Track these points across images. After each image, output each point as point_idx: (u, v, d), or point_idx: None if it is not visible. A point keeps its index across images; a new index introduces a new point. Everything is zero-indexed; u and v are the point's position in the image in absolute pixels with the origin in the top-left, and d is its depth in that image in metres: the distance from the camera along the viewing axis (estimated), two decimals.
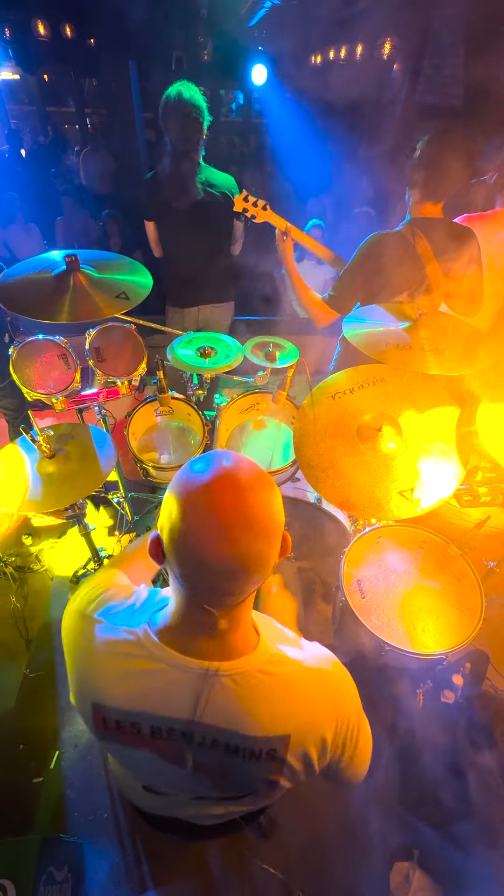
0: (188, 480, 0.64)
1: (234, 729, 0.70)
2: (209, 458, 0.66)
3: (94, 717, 0.73)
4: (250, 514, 0.62)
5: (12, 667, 1.92)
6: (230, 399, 1.96)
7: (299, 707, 0.73)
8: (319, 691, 0.75)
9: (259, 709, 0.70)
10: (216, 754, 0.73)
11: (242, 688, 0.70)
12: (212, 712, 0.70)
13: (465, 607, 1.44)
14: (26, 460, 1.57)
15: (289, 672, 0.73)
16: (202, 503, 0.62)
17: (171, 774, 0.78)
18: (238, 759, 0.72)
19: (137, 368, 2.00)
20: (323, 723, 0.74)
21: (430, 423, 1.42)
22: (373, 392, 1.49)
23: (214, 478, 0.63)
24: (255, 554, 0.63)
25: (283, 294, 4.59)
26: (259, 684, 0.71)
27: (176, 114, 2.14)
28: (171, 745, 0.73)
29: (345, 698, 0.78)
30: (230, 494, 0.62)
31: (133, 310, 1.47)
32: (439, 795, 1.48)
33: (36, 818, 1.52)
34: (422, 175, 1.68)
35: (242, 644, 0.72)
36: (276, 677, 0.72)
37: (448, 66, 4.53)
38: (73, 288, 1.42)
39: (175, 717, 0.70)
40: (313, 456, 1.41)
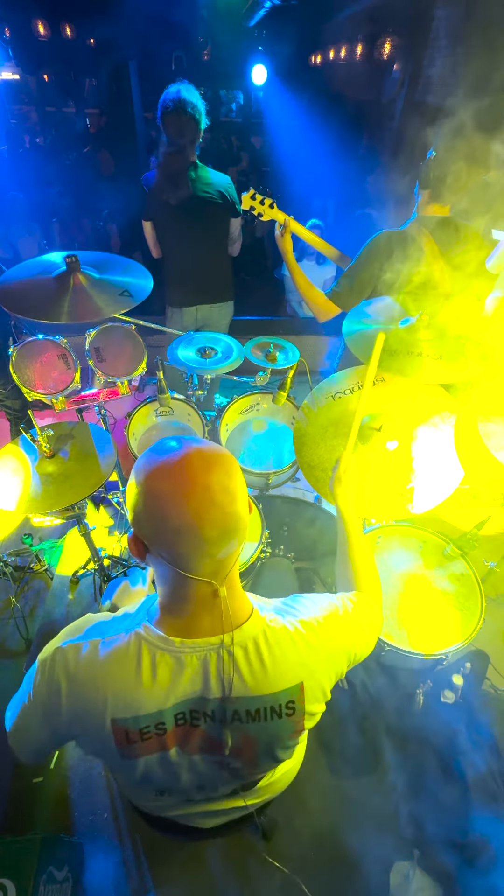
0: (160, 465, 0.66)
1: (248, 694, 0.73)
2: (163, 444, 0.69)
3: (115, 735, 0.71)
4: (225, 479, 0.66)
5: (12, 667, 1.92)
6: (230, 399, 1.96)
7: (303, 658, 0.76)
8: (314, 641, 0.78)
9: (270, 667, 0.73)
10: (240, 727, 0.75)
11: (251, 653, 0.73)
12: (229, 681, 0.72)
13: (465, 607, 1.45)
14: (27, 460, 1.57)
15: (286, 630, 0.77)
16: (183, 478, 0.64)
17: (203, 767, 0.79)
18: (261, 722, 0.76)
19: (137, 368, 2.00)
20: (325, 666, 0.79)
21: (430, 423, 1.42)
22: (373, 392, 1.49)
23: (184, 454, 0.66)
24: (238, 512, 0.67)
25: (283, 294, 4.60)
26: (265, 646, 0.74)
27: (173, 113, 2.14)
28: (198, 731, 0.75)
29: (337, 642, 0.82)
30: (203, 464, 0.65)
31: (133, 310, 1.47)
32: (439, 795, 1.48)
33: (36, 818, 1.52)
34: (434, 175, 1.67)
35: (240, 611, 0.75)
36: (277, 636, 0.75)
37: (448, 66, 4.53)
38: (74, 288, 1.42)
39: (192, 699, 0.73)
40: (313, 456, 1.41)
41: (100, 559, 1.98)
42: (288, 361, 1.97)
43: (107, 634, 0.74)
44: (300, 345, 2.09)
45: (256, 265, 5.11)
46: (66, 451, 1.61)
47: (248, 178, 6.07)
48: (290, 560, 1.91)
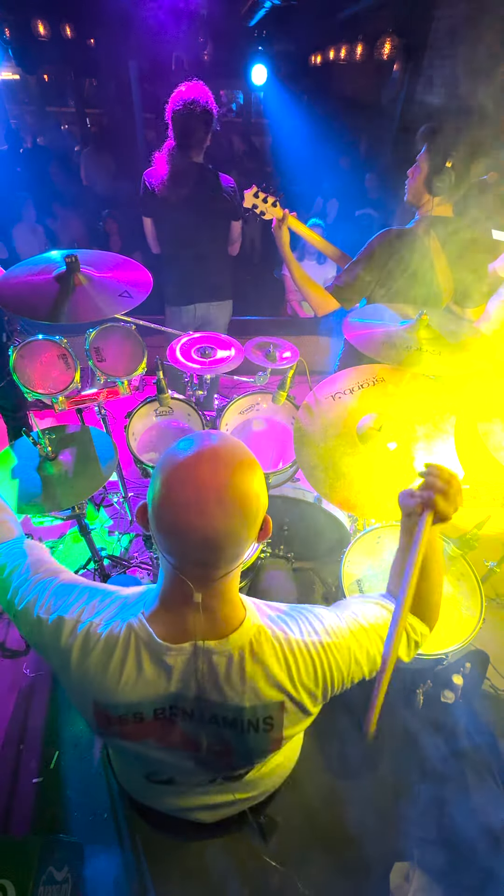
0: (172, 455, 0.67)
1: (229, 702, 0.73)
2: (196, 436, 0.69)
3: (95, 715, 0.74)
4: (226, 491, 0.63)
5: (12, 667, 1.92)
6: (230, 399, 1.96)
7: (290, 675, 0.74)
8: (307, 659, 0.75)
9: (251, 680, 0.72)
10: (217, 730, 0.75)
11: (234, 662, 0.72)
12: (205, 688, 0.72)
13: (465, 607, 1.44)
14: (27, 461, 1.57)
15: (277, 644, 0.75)
16: (181, 476, 0.64)
17: (177, 760, 0.80)
18: (237, 731, 0.75)
19: (137, 368, 2.00)
20: (314, 686, 0.76)
21: (430, 423, 1.42)
22: (373, 392, 1.49)
23: (196, 453, 0.65)
24: (228, 529, 0.64)
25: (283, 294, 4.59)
26: (250, 658, 0.73)
27: (188, 113, 2.14)
28: (176, 728, 0.75)
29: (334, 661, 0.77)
30: (208, 469, 0.64)
31: (133, 309, 1.47)
32: (439, 795, 1.48)
33: (36, 818, 1.52)
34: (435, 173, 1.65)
35: (229, 620, 0.74)
36: (266, 650, 0.74)
37: (448, 66, 4.53)
38: (74, 288, 1.42)
39: (173, 695, 0.73)
40: (313, 456, 1.41)
41: (100, 559, 1.98)
42: (288, 361, 1.97)
43: (104, 618, 0.74)
44: (300, 345, 2.08)
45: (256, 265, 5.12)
46: (66, 453, 1.61)
47: (249, 178, 6.07)
48: (290, 560, 1.91)
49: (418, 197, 1.73)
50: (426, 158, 1.65)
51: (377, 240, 1.75)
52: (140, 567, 2.06)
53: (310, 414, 1.49)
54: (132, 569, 2.12)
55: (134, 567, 2.09)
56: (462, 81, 4.29)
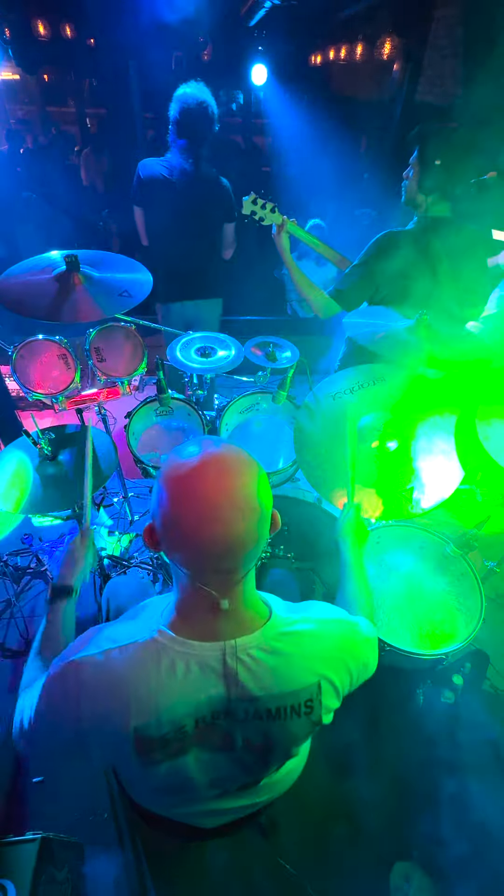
0: (176, 466, 0.66)
1: (269, 694, 0.74)
2: (196, 444, 0.68)
3: (136, 743, 0.71)
4: (236, 496, 0.64)
5: (12, 667, 1.92)
6: (230, 399, 1.96)
7: (320, 657, 0.78)
8: (331, 641, 0.81)
9: (286, 669, 0.74)
10: (261, 725, 0.76)
11: (266, 655, 0.73)
12: (245, 685, 0.73)
13: (465, 607, 1.44)
14: (27, 461, 1.57)
15: (303, 630, 0.78)
16: (191, 487, 0.64)
17: (218, 765, 0.80)
18: (281, 721, 0.76)
19: (137, 368, 2.00)
20: (340, 665, 0.81)
21: (430, 423, 1.42)
22: (373, 392, 1.49)
23: (201, 462, 0.65)
24: (248, 532, 0.65)
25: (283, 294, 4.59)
26: (282, 648, 0.74)
27: (193, 113, 2.15)
28: (217, 731, 0.75)
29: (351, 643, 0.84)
30: (217, 476, 0.64)
31: (133, 309, 1.47)
32: (439, 795, 1.48)
33: (36, 818, 1.52)
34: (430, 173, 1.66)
35: (255, 617, 0.76)
36: (294, 637, 0.76)
37: (448, 66, 4.53)
38: (74, 288, 1.42)
39: (214, 700, 0.73)
40: (313, 456, 1.41)
41: (100, 559, 1.98)
42: (288, 361, 1.97)
43: (120, 642, 0.72)
44: (300, 345, 2.08)
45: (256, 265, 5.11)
46: (66, 453, 1.61)
47: (249, 178, 6.07)
48: (291, 560, 1.91)
49: (414, 197, 1.74)
50: (418, 159, 1.67)
51: (376, 243, 1.76)
52: (140, 567, 2.06)
53: (310, 414, 1.49)
54: (132, 568, 2.12)
55: (134, 567, 2.08)
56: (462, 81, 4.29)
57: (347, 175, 5.23)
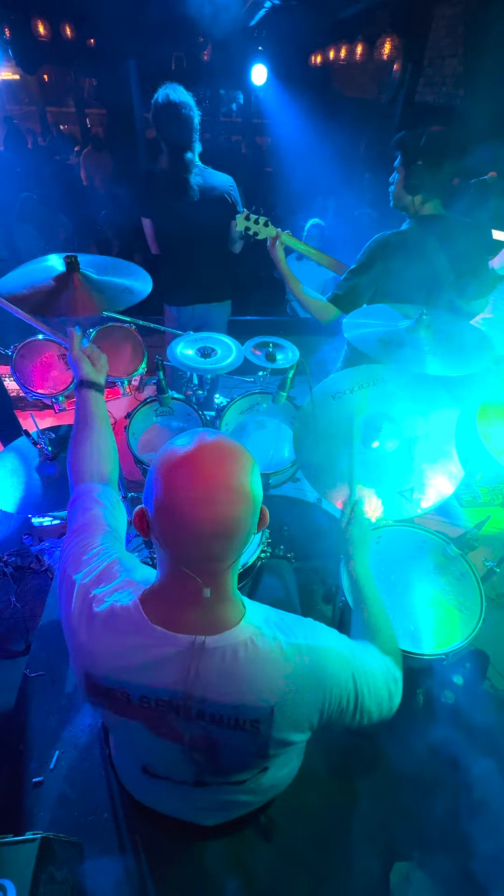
0: (171, 452, 0.67)
1: (218, 699, 0.72)
2: (190, 434, 0.70)
3: (86, 683, 0.76)
4: (230, 480, 0.65)
5: (12, 667, 1.92)
6: (230, 399, 1.96)
7: (283, 682, 0.73)
8: (302, 669, 0.74)
9: (243, 679, 0.72)
10: (203, 725, 0.75)
11: (228, 659, 0.72)
12: (199, 683, 0.72)
13: (465, 607, 1.44)
14: (27, 461, 1.57)
15: (272, 648, 0.74)
16: (183, 471, 0.65)
17: (166, 751, 0.80)
18: (224, 728, 0.74)
19: (137, 368, 2.00)
20: (308, 699, 0.75)
21: (430, 422, 1.42)
22: (373, 392, 1.50)
23: (195, 448, 0.66)
24: (237, 518, 0.66)
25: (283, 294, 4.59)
26: (244, 657, 0.72)
27: (166, 115, 2.14)
28: (164, 718, 0.75)
29: (331, 676, 0.77)
30: (210, 462, 0.65)
31: (132, 310, 1.47)
32: (440, 795, 1.48)
33: (36, 818, 1.52)
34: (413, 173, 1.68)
35: (228, 616, 0.75)
36: (260, 651, 0.73)
37: (448, 66, 4.53)
38: (74, 287, 1.42)
39: (164, 688, 0.73)
40: (313, 456, 1.41)
41: None
42: (288, 361, 1.97)
43: (108, 592, 0.77)
44: (300, 345, 2.08)
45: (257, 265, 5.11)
46: (66, 453, 1.61)
47: (248, 178, 6.07)
48: (291, 560, 1.91)
49: (401, 200, 1.76)
50: (401, 163, 1.71)
51: (371, 246, 1.76)
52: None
53: (310, 414, 1.49)
54: None
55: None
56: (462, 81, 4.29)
57: (347, 175, 5.23)
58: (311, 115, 5.42)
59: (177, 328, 2.26)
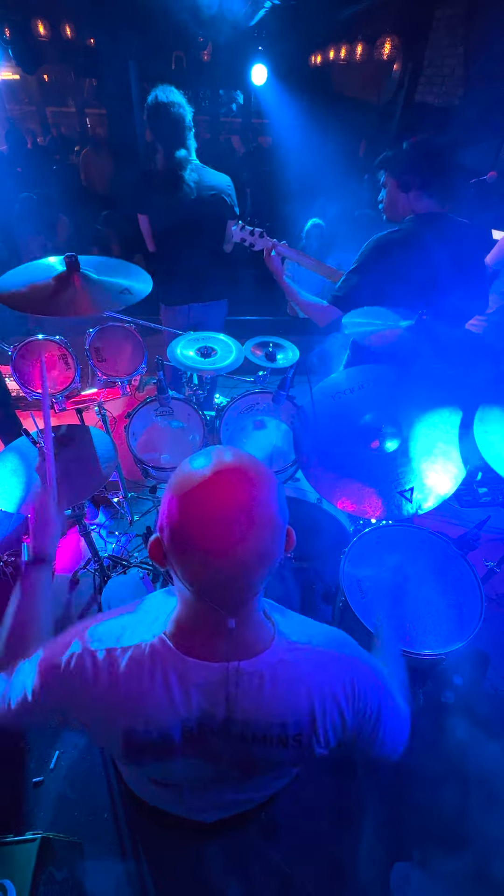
0: (187, 477, 0.62)
1: (260, 720, 0.72)
2: (208, 454, 0.65)
3: (124, 742, 0.72)
4: (253, 509, 0.60)
5: None
6: (230, 399, 1.96)
7: (320, 693, 0.73)
8: (337, 677, 0.75)
9: (282, 698, 0.71)
10: (245, 746, 0.74)
11: (266, 680, 0.70)
12: (239, 707, 0.71)
13: (465, 607, 1.44)
14: (27, 461, 1.57)
15: (306, 658, 0.74)
16: (202, 500, 0.60)
17: (195, 768, 0.79)
18: (267, 746, 0.74)
19: (137, 368, 2.00)
20: (343, 705, 0.75)
21: (430, 422, 1.42)
22: (373, 392, 1.49)
23: (213, 473, 0.61)
24: (263, 549, 0.61)
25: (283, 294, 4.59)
26: (282, 675, 0.71)
27: (157, 116, 2.15)
28: (205, 745, 0.74)
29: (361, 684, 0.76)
30: (231, 489, 0.60)
31: (132, 309, 1.47)
32: (440, 795, 1.48)
33: (36, 818, 1.52)
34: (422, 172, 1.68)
35: (259, 638, 0.72)
36: (296, 666, 0.72)
37: (448, 66, 4.53)
38: (74, 286, 1.42)
39: (205, 716, 0.72)
40: (313, 455, 1.41)
41: (100, 559, 1.98)
42: (288, 361, 1.97)
43: (123, 642, 0.72)
44: (300, 345, 2.09)
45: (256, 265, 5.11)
46: (66, 453, 1.61)
47: (248, 178, 6.07)
48: (291, 560, 1.91)
49: (396, 204, 1.78)
50: (388, 175, 1.75)
51: (371, 245, 1.76)
52: (140, 567, 2.06)
53: (310, 413, 1.49)
54: (132, 568, 2.12)
55: (134, 566, 2.09)
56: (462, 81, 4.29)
57: (347, 175, 5.23)
58: (311, 114, 5.42)
59: (173, 328, 2.27)
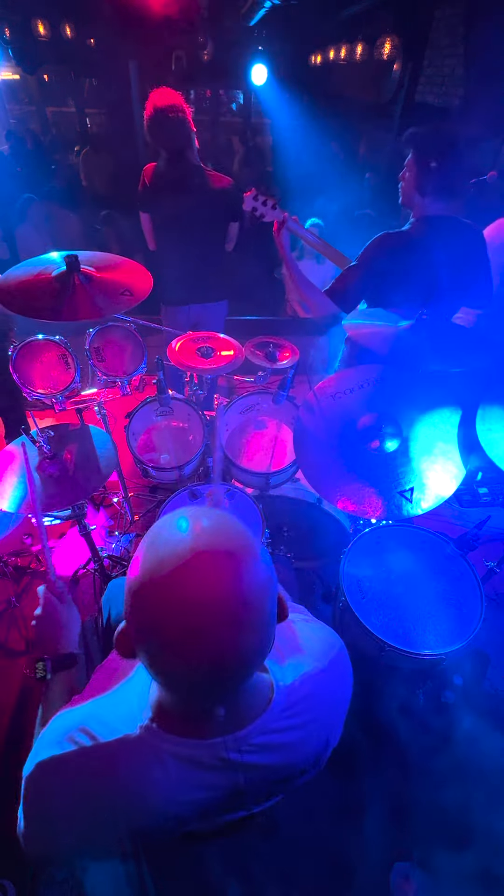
0: (157, 562, 0.52)
1: (277, 767, 0.70)
2: (181, 525, 0.55)
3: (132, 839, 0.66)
4: (236, 601, 0.50)
5: (12, 667, 1.92)
6: (230, 399, 1.96)
7: (328, 706, 0.74)
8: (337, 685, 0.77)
9: (295, 743, 0.70)
10: (269, 789, 0.74)
11: (273, 736, 0.67)
12: (251, 772, 0.67)
13: (465, 607, 1.44)
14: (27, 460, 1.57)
15: (310, 692, 0.71)
16: (176, 593, 0.50)
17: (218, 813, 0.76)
18: (288, 784, 0.75)
19: (137, 368, 2.00)
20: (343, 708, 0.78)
21: (430, 422, 1.42)
22: (372, 392, 1.49)
23: (191, 556, 0.51)
24: (246, 646, 0.53)
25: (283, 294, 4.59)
26: (287, 725, 0.68)
27: (156, 123, 2.14)
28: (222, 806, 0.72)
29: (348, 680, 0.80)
30: (205, 580, 0.50)
31: (132, 309, 1.47)
32: (440, 795, 1.48)
33: None
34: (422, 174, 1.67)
35: (256, 705, 0.67)
36: (301, 710, 0.70)
37: (448, 66, 4.53)
38: (74, 287, 1.42)
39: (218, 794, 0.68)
40: (313, 455, 1.41)
41: (100, 559, 1.98)
42: (288, 361, 1.97)
43: (100, 737, 0.63)
44: (300, 345, 2.08)
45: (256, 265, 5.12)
46: (66, 452, 1.61)
47: (249, 178, 6.07)
48: (291, 560, 1.91)
49: (410, 199, 1.75)
50: (413, 161, 1.68)
51: (374, 243, 1.76)
52: None
53: (310, 413, 1.49)
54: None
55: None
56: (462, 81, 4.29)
57: (348, 175, 5.23)
58: (311, 115, 5.42)
59: (174, 328, 2.26)
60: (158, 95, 2.13)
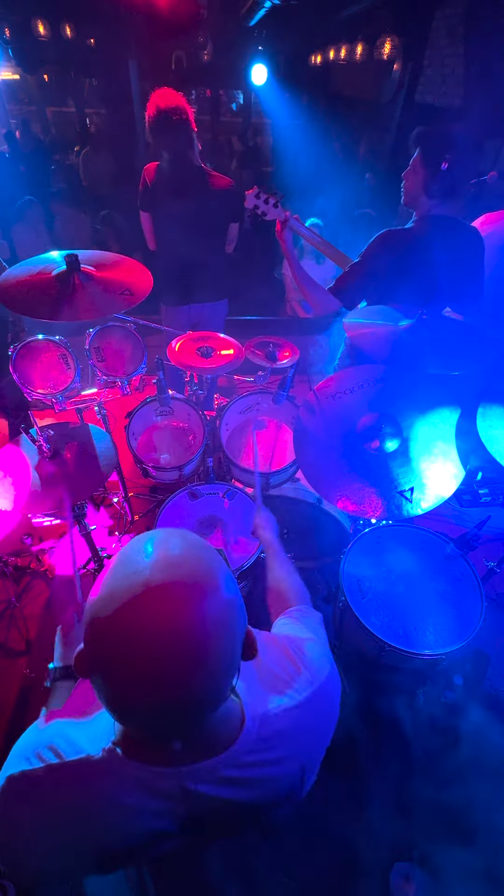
0: (111, 592, 0.50)
1: (245, 803, 0.67)
2: (144, 551, 0.53)
3: (102, 860, 0.67)
4: (185, 643, 0.48)
5: (12, 667, 1.92)
6: (230, 399, 1.96)
7: (307, 741, 0.72)
8: (320, 717, 0.74)
9: (265, 780, 0.67)
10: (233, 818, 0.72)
11: (240, 767, 0.65)
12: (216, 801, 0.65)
13: (465, 607, 1.44)
14: (27, 460, 1.57)
15: (288, 725, 0.69)
16: (127, 629, 0.48)
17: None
18: (259, 818, 0.74)
19: (137, 368, 2.00)
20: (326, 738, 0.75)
21: (430, 422, 1.42)
22: (372, 392, 1.50)
23: (143, 590, 0.49)
24: (201, 689, 0.50)
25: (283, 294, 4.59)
26: (261, 761, 0.66)
27: (159, 125, 2.14)
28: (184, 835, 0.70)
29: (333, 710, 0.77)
30: (156, 621, 0.48)
31: (132, 309, 1.47)
32: (440, 795, 1.48)
33: None
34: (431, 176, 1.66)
35: (224, 734, 0.64)
36: (276, 744, 0.67)
37: (448, 66, 4.53)
38: (74, 287, 1.42)
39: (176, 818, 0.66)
40: (313, 455, 1.41)
41: (100, 559, 1.98)
42: (288, 361, 1.97)
43: (65, 755, 0.63)
44: (300, 345, 2.08)
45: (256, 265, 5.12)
46: (66, 452, 1.61)
47: (249, 178, 6.07)
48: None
49: (415, 199, 1.73)
50: (420, 162, 1.66)
51: (377, 241, 1.75)
52: None
53: (310, 413, 1.49)
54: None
55: None
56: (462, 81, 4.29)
57: (347, 175, 5.23)
58: (311, 115, 5.42)
59: (174, 328, 2.26)
60: (161, 96, 2.13)
